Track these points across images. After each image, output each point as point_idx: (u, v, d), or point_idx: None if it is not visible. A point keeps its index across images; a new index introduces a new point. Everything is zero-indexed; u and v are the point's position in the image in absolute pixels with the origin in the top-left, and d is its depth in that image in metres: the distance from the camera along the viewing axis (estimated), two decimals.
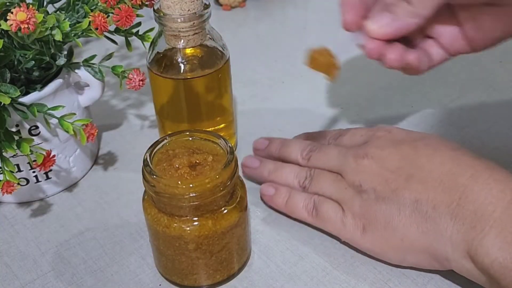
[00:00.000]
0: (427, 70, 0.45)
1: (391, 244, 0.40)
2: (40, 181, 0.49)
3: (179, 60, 0.47)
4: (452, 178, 0.39)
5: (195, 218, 0.39)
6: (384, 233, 0.40)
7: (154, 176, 0.38)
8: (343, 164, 0.44)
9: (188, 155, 0.40)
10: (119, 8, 0.42)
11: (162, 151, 0.41)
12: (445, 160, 0.40)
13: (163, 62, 0.48)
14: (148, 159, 0.39)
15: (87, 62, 0.48)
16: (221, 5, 0.81)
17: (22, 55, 0.44)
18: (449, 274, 0.40)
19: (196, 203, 0.38)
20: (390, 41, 0.42)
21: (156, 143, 0.41)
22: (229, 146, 0.40)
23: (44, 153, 0.43)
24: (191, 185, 0.37)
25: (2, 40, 0.40)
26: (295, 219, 0.46)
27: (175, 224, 0.39)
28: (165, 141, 0.41)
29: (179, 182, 0.38)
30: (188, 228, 0.39)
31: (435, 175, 0.39)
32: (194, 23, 0.45)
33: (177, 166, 0.39)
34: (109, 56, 0.48)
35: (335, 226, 0.43)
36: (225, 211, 0.39)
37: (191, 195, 0.37)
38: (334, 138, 0.48)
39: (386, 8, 0.41)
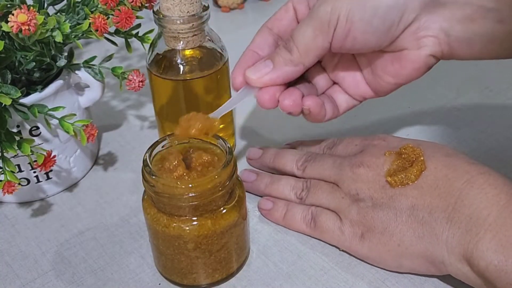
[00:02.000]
0: (333, 117, 0.45)
1: (388, 250, 0.41)
2: (41, 181, 0.49)
3: (179, 61, 0.48)
4: (448, 183, 0.39)
5: (194, 218, 0.39)
6: (382, 238, 0.41)
7: (154, 176, 0.38)
8: (339, 173, 0.44)
9: (187, 156, 0.41)
10: (119, 10, 0.43)
11: (162, 152, 0.41)
12: (440, 165, 0.40)
13: (162, 63, 0.48)
14: (148, 160, 0.39)
15: (87, 63, 0.48)
16: (220, 7, 0.82)
17: (23, 56, 0.44)
18: (445, 275, 0.40)
19: (195, 203, 0.38)
20: (287, 85, 0.43)
21: (156, 143, 0.41)
22: (228, 147, 0.40)
23: (45, 153, 0.43)
24: (190, 185, 0.38)
25: (3, 41, 0.40)
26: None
27: (174, 224, 0.39)
28: (165, 141, 0.41)
29: (179, 182, 0.38)
30: (187, 228, 0.39)
31: (430, 180, 0.40)
32: (193, 24, 0.45)
33: (176, 166, 0.39)
34: (109, 58, 0.48)
35: (333, 235, 0.43)
36: (224, 210, 0.40)
37: (190, 195, 0.38)
38: (329, 148, 0.49)
39: (269, 57, 0.42)
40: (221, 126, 0.52)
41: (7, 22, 0.38)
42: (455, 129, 0.56)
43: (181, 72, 0.48)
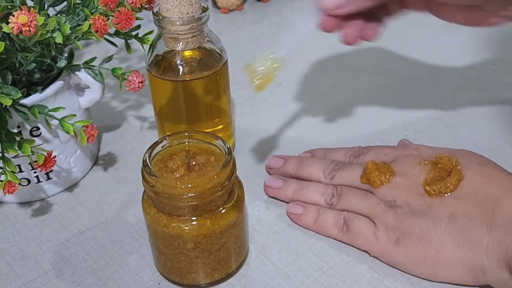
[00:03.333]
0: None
1: (424, 257, 0.41)
2: (41, 182, 0.50)
3: (178, 62, 0.48)
4: (486, 191, 0.40)
5: (194, 218, 0.39)
6: (419, 245, 0.41)
7: (153, 177, 0.39)
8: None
9: (186, 156, 0.41)
10: (119, 11, 0.43)
11: (161, 152, 0.41)
12: (476, 174, 0.41)
13: (162, 64, 0.48)
14: (148, 160, 0.40)
15: (87, 64, 0.48)
16: (219, 8, 0.82)
17: (23, 57, 0.44)
18: None
19: (195, 203, 0.38)
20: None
21: (155, 144, 0.41)
22: (227, 147, 0.41)
23: (45, 153, 0.43)
24: (190, 185, 0.38)
25: (4, 42, 0.40)
26: (291, 220, 0.47)
27: (174, 224, 0.39)
28: (164, 142, 0.42)
29: (178, 183, 0.38)
30: (186, 228, 0.39)
31: (468, 189, 0.40)
32: (192, 26, 0.46)
33: (176, 166, 0.40)
34: (109, 58, 0.49)
35: (366, 240, 0.43)
36: (223, 210, 0.40)
37: (190, 195, 0.38)
38: (355, 156, 0.48)
39: None
40: (220, 126, 0.52)
41: (7, 23, 0.38)
42: (452, 129, 0.57)
43: (180, 73, 0.48)
